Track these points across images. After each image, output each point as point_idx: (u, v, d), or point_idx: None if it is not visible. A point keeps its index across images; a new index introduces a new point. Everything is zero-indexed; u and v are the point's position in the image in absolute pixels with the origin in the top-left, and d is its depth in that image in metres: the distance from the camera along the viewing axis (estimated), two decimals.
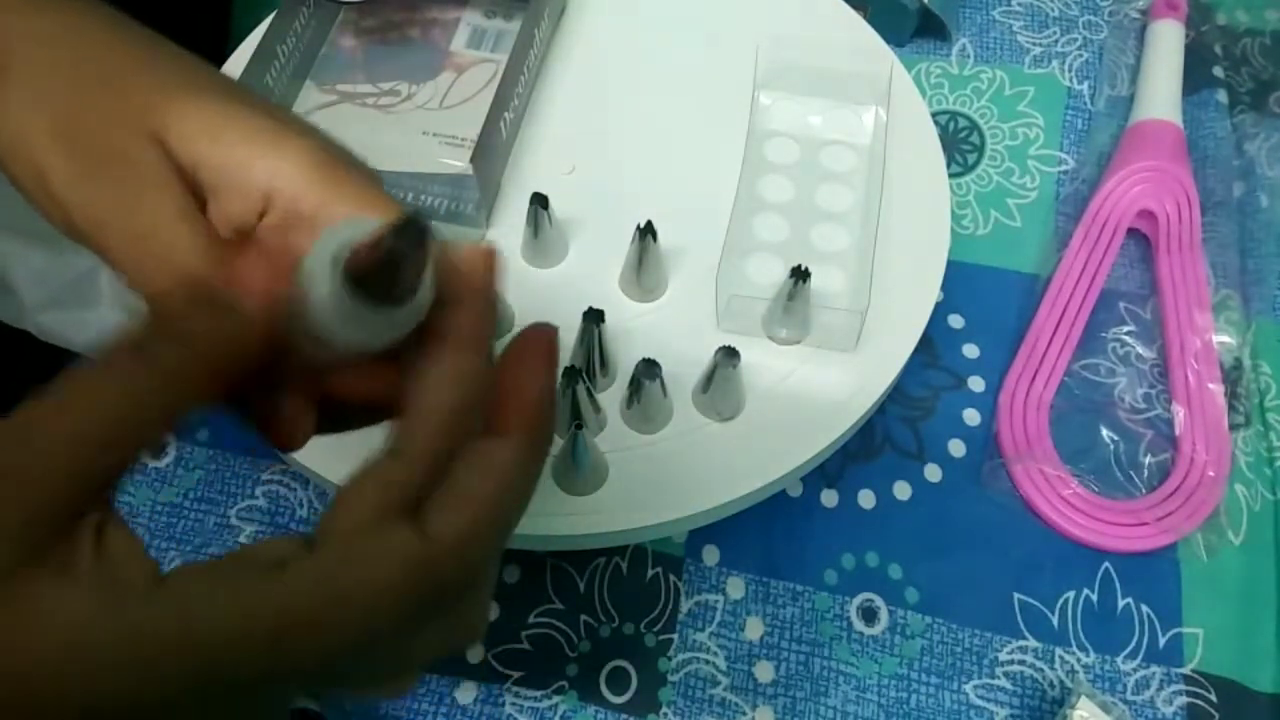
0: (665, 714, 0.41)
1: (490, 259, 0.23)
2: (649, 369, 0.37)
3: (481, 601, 0.23)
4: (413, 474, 0.20)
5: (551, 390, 0.22)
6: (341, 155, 0.25)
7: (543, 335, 0.22)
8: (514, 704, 0.41)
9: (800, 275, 0.38)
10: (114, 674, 0.17)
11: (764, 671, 0.42)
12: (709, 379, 0.38)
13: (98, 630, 0.17)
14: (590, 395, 0.37)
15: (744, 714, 0.41)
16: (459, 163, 0.42)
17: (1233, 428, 0.46)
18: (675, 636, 0.42)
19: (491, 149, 0.44)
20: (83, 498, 0.18)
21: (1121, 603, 0.43)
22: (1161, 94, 0.54)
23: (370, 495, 0.20)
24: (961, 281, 0.50)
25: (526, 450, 0.21)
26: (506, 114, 0.45)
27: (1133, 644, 0.42)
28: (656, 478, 0.38)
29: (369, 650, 0.20)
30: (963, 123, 0.57)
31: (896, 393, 0.46)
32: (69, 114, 0.25)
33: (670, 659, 0.42)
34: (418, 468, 0.20)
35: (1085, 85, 0.58)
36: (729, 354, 0.37)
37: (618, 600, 0.43)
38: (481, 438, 0.21)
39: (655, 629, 0.42)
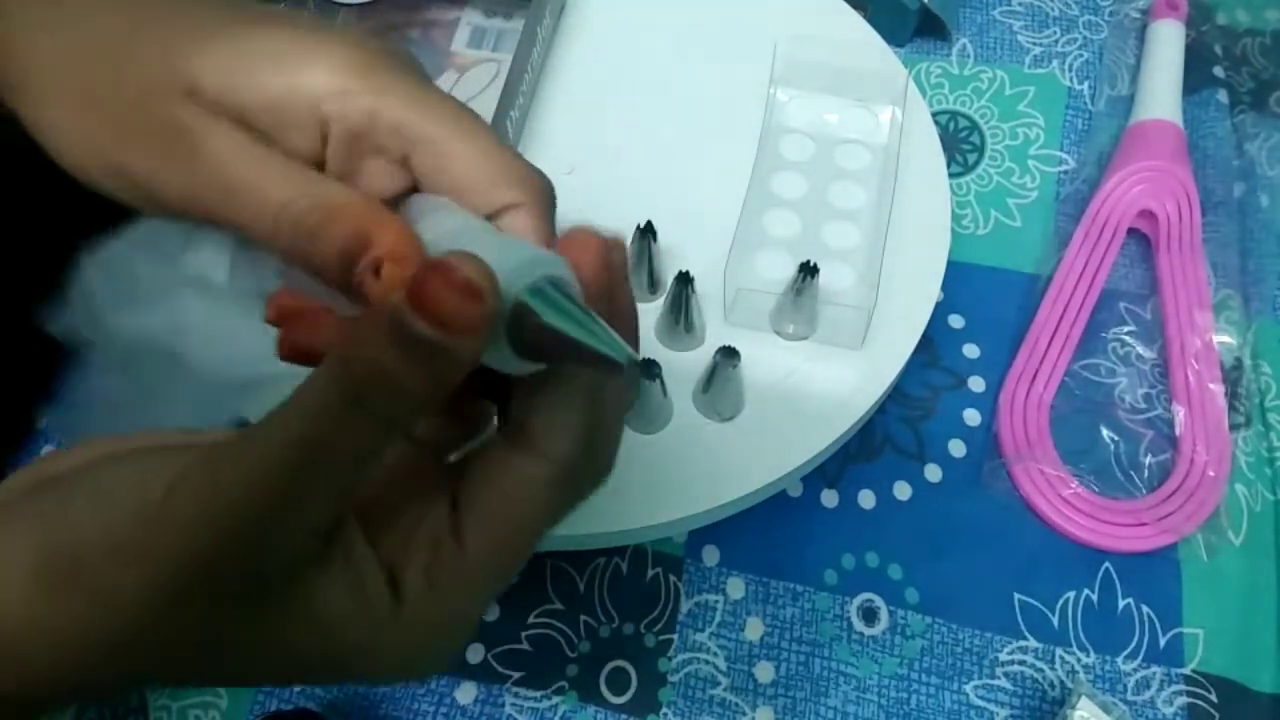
0: (665, 714, 0.41)
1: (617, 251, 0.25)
2: (649, 369, 0.36)
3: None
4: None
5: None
6: (377, 56, 0.25)
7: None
8: (514, 704, 0.41)
9: (809, 271, 0.38)
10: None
11: (764, 672, 0.42)
12: (709, 379, 0.38)
13: (352, 629, 0.21)
14: None
15: (744, 714, 0.41)
16: None
17: (1233, 428, 0.46)
18: (675, 637, 0.42)
19: None
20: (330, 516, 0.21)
21: (1122, 603, 0.43)
22: (1161, 94, 0.54)
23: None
24: (962, 281, 0.50)
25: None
26: (512, 112, 0.45)
27: (1133, 644, 0.42)
28: (656, 478, 0.38)
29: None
30: (963, 123, 0.57)
31: (896, 393, 0.46)
32: (95, 94, 0.25)
33: (670, 659, 0.42)
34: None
35: (1085, 85, 0.58)
36: (729, 354, 0.37)
37: (618, 600, 0.43)
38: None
39: (655, 629, 0.42)
